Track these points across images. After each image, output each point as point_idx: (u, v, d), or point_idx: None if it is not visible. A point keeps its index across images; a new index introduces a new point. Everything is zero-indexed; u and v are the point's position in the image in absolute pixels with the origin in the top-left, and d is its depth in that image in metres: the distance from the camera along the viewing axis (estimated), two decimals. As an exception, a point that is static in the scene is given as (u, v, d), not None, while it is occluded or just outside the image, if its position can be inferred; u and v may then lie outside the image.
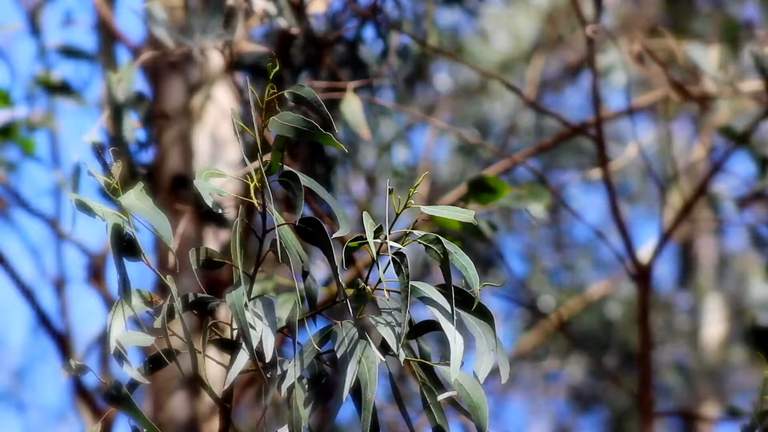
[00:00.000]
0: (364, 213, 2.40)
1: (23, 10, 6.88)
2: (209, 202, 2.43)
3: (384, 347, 2.50)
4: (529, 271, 9.80)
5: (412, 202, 2.46)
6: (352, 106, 4.61)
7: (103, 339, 6.42)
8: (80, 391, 6.35)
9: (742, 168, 6.96)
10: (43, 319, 6.21)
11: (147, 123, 4.67)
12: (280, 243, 2.43)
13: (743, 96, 5.63)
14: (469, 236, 4.44)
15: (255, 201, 2.47)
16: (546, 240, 9.99)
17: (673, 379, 10.16)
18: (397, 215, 2.47)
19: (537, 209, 4.51)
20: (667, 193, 5.72)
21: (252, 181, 2.49)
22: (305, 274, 2.49)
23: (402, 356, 2.46)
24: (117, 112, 4.55)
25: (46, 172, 6.88)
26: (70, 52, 6.81)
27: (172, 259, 4.48)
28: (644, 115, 9.13)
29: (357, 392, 2.46)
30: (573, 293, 9.63)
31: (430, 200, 7.93)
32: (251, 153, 4.88)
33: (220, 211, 2.50)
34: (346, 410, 2.59)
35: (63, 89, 6.80)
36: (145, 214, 2.48)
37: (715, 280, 10.50)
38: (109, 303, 6.28)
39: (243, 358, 2.43)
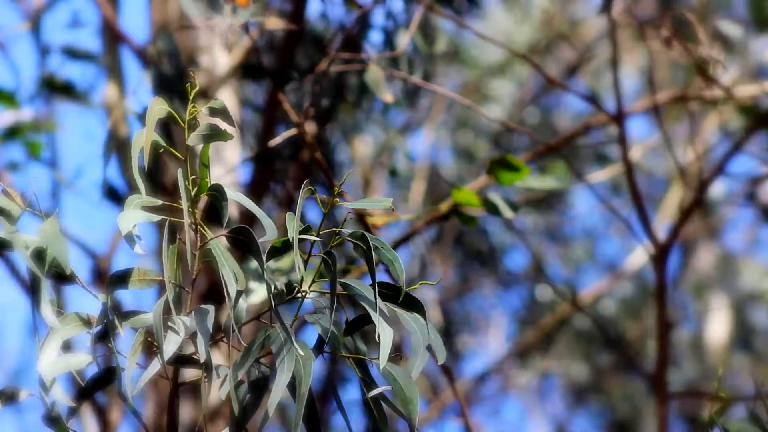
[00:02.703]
0: (288, 214, 2.48)
1: (27, 11, 6.93)
2: (125, 235, 2.51)
3: (319, 346, 2.57)
4: (529, 267, 9.84)
5: (338, 200, 2.55)
6: (373, 74, 4.69)
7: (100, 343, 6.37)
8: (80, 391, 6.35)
9: (741, 166, 6.98)
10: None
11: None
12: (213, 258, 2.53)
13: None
14: (489, 214, 4.49)
15: (186, 220, 2.55)
16: (545, 238, 10.01)
17: (672, 380, 10.17)
18: (325, 214, 2.56)
19: (554, 183, 4.57)
20: (685, 175, 5.73)
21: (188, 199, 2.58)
22: (239, 292, 2.55)
23: (330, 350, 2.53)
24: (162, 83, 4.64)
25: (47, 173, 6.92)
26: (74, 54, 6.86)
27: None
28: (644, 116, 9.15)
29: (294, 389, 2.51)
30: (571, 291, 9.66)
31: (432, 199, 7.95)
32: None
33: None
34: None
35: (67, 90, 6.86)
36: (44, 239, 2.56)
37: (716, 282, 10.50)
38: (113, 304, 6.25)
39: (156, 366, 2.50)
